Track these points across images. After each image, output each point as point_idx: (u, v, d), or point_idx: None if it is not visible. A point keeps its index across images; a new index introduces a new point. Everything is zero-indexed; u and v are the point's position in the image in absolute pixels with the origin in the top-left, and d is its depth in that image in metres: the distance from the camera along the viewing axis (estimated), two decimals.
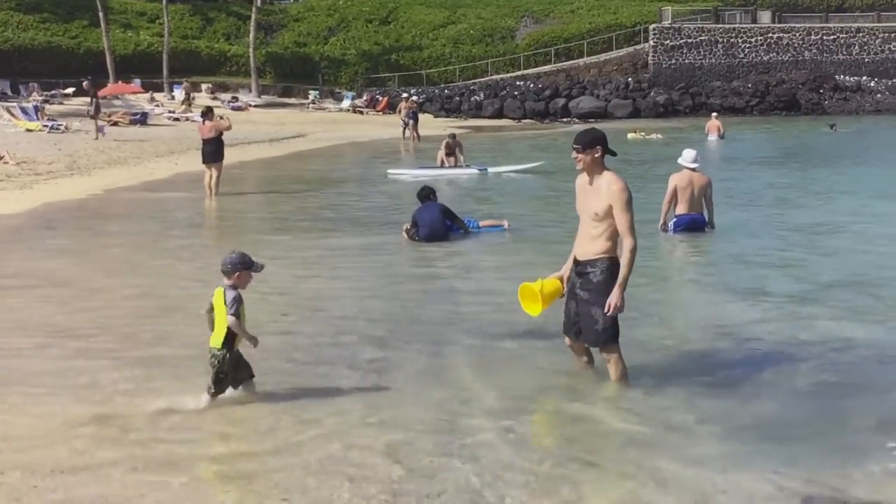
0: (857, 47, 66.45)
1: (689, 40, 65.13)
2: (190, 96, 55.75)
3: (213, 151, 21.28)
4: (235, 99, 58.82)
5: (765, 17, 68.44)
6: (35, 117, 42.58)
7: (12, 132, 37.43)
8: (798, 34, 66.23)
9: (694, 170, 15.30)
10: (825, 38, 66.36)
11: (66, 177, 24.78)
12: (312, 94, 63.43)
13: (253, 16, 64.57)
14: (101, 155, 30.68)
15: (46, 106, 48.27)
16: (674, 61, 64.79)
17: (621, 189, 7.26)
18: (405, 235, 15.15)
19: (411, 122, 41.21)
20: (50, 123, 40.98)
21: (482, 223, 15.96)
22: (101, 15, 59.67)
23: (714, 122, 39.64)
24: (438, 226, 14.99)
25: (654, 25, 65.83)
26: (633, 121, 53.77)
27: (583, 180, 7.55)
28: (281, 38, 71.53)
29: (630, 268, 7.29)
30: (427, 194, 15.51)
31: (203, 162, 21.56)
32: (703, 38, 65.37)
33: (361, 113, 59.36)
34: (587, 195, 7.45)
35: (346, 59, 68.65)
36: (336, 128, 48.08)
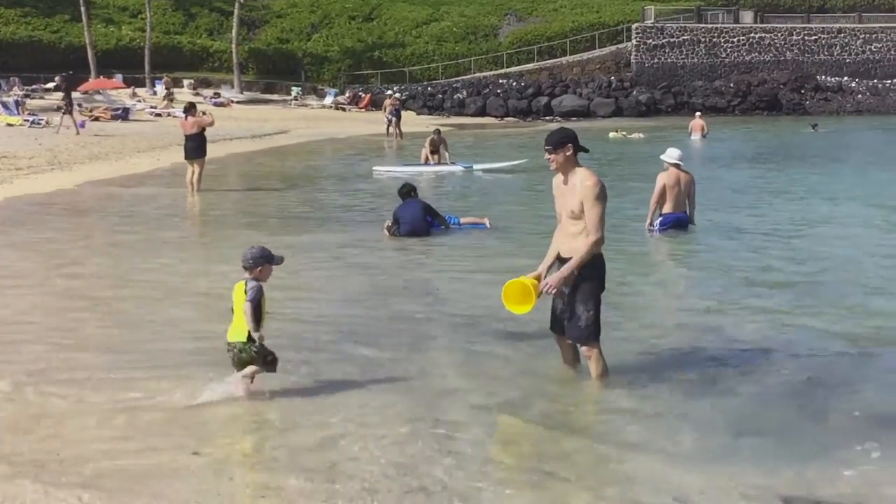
0: (838, 48, 66.78)
1: (672, 40, 65.30)
2: (170, 92, 55.58)
3: (195, 147, 21.20)
4: (218, 95, 58.64)
5: (747, 17, 68.69)
6: (16, 112, 42.42)
7: None
8: (780, 34, 66.50)
9: (679, 167, 15.30)
10: (807, 38, 66.66)
11: (46, 172, 24.66)
12: (295, 90, 63.27)
13: (236, 11, 64.37)
14: (82, 150, 30.55)
15: (27, 101, 48.03)
16: (656, 60, 64.95)
17: (593, 184, 7.29)
18: (386, 232, 15.14)
19: (394, 120, 41.19)
20: (31, 118, 40.80)
21: (463, 220, 15.94)
22: (82, 9, 59.38)
23: (697, 122, 39.75)
24: (420, 222, 14.99)
25: (636, 24, 65.96)
26: (616, 119, 53.90)
27: (558, 180, 7.59)
28: (264, 34, 71.32)
29: (584, 259, 7.31)
30: (408, 191, 15.52)
31: (185, 158, 21.48)
32: (686, 37, 65.56)
33: (344, 110, 59.29)
34: (564, 194, 7.50)
35: (329, 55, 68.51)
36: (318, 124, 48.01)
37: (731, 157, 31.14)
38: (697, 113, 43.75)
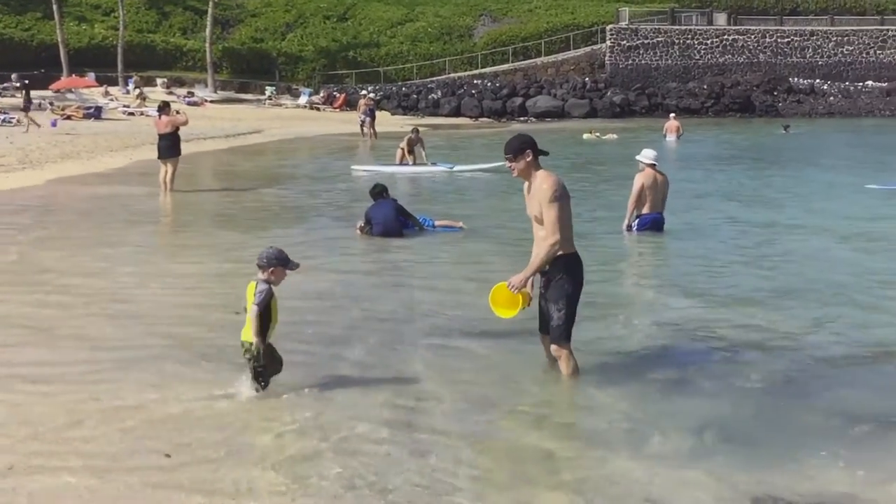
0: (810, 50, 67.25)
1: (646, 41, 65.57)
2: (140, 90, 55.33)
3: (169, 146, 21.08)
4: (191, 94, 58.43)
5: (720, 19, 69.07)
6: None
7: None
8: (753, 36, 66.90)
9: (654, 167, 15.32)
10: (779, 40, 67.10)
11: (17, 170, 24.48)
12: (269, 90, 63.13)
13: (210, 10, 64.13)
14: (54, 149, 30.35)
15: None
16: (630, 62, 65.20)
17: (549, 186, 7.34)
18: (359, 232, 15.09)
19: (368, 120, 41.10)
20: (2, 116, 40.50)
21: (438, 222, 15.84)
22: (54, 7, 59.05)
23: (673, 123, 39.87)
24: (392, 223, 14.93)
25: (611, 26, 66.19)
26: (590, 120, 54.02)
27: (524, 186, 7.63)
28: (238, 33, 71.12)
29: (543, 261, 7.38)
30: (380, 191, 15.42)
31: (159, 157, 21.34)
32: (660, 39, 65.85)
33: (318, 109, 59.19)
34: (529, 200, 7.58)
35: (304, 55, 68.39)
36: (293, 124, 47.89)
37: (705, 158, 31.26)
38: (672, 114, 43.91)
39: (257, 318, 6.98)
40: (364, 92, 52.80)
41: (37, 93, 50.62)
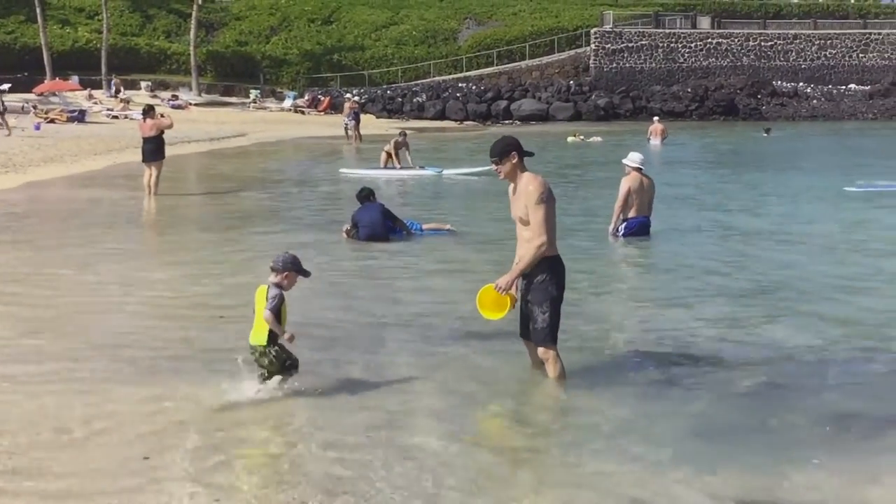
0: (794, 53, 67.56)
1: (630, 44, 65.76)
2: (119, 91, 55.12)
3: (153, 150, 21.01)
4: (175, 97, 58.27)
5: (704, 22, 69.32)
6: None
7: None
8: (737, 40, 67.18)
9: (640, 171, 15.32)
10: (763, 44, 67.39)
11: None
12: (254, 93, 63.05)
13: (194, 13, 64.02)
14: (37, 152, 30.23)
15: None
16: (615, 65, 65.35)
17: (535, 188, 7.35)
18: (345, 236, 15.06)
19: (353, 123, 41.06)
20: None
21: (426, 226, 15.77)
22: (38, 10, 58.86)
23: (657, 126, 39.97)
24: (379, 226, 14.90)
25: (595, 29, 66.35)
26: (575, 124, 54.09)
27: (510, 188, 7.64)
28: (222, 36, 71.02)
29: (529, 262, 7.39)
30: (367, 195, 15.37)
31: (143, 160, 21.27)
32: (644, 42, 66.05)
33: (303, 113, 59.12)
34: (514, 202, 7.58)
35: (288, 58, 68.34)
36: (277, 127, 47.84)
37: (689, 161, 31.35)
38: (655, 118, 43.99)
39: (274, 323, 7.06)
40: (349, 95, 52.77)
41: (20, 96, 50.53)
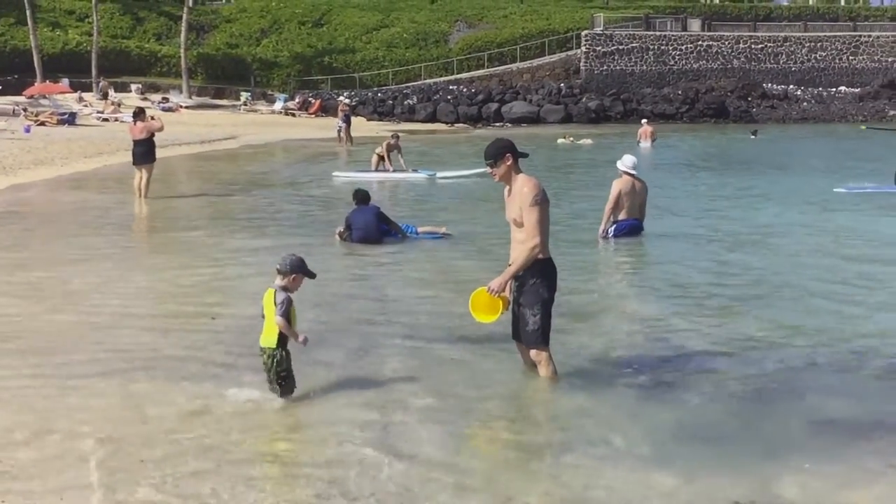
0: (784, 56, 67.76)
1: (621, 47, 65.86)
2: (107, 94, 54.96)
3: (144, 152, 20.98)
4: (166, 100, 58.16)
5: (695, 25, 69.46)
6: None
7: None
8: (727, 42, 67.34)
9: (633, 175, 15.35)
10: (753, 46, 67.57)
11: None
12: (244, 95, 62.95)
13: (184, 16, 63.94)
14: (27, 155, 30.15)
15: None
16: (605, 67, 65.45)
17: (529, 190, 7.38)
18: (338, 237, 15.05)
19: (343, 126, 41.01)
20: None
21: (421, 229, 15.67)
22: (28, 13, 58.70)
23: (646, 128, 39.96)
24: (372, 229, 14.87)
25: (586, 32, 66.44)
26: (566, 126, 54.13)
27: (505, 190, 7.66)
28: (213, 38, 70.93)
29: (523, 264, 7.42)
30: (363, 197, 15.32)
31: (133, 163, 21.24)
32: (635, 44, 66.16)
33: (294, 115, 59.05)
34: (509, 203, 7.60)
35: (279, 60, 68.29)
36: (268, 130, 47.77)
37: (679, 163, 31.37)
38: (644, 120, 43.99)
39: (287, 328, 7.13)
40: (342, 98, 52.73)
41: (10, 98, 50.43)
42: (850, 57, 68.11)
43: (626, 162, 15.42)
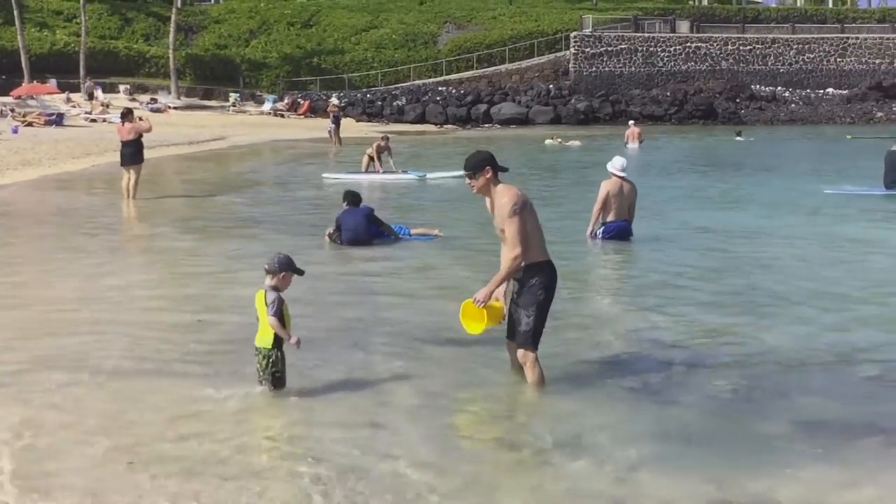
0: (772, 58, 67.99)
1: (610, 48, 66.00)
2: (92, 95, 54.82)
3: (132, 153, 20.92)
4: (154, 101, 58.08)
5: (683, 26, 69.65)
6: None
7: None
8: (715, 44, 67.54)
9: (623, 177, 15.35)
10: (742, 48, 67.79)
11: None
12: (233, 96, 62.90)
13: (173, 17, 63.87)
14: (14, 156, 30.07)
15: None
16: (594, 69, 65.57)
17: (508, 200, 7.36)
18: (327, 239, 15.02)
19: (333, 127, 40.98)
20: None
21: (414, 231, 15.62)
22: (15, 13, 58.56)
23: (633, 129, 40.01)
24: (362, 230, 14.82)
25: (575, 33, 66.56)
26: (555, 127, 54.20)
27: (487, 202, 7.68)
28: (201, 39, 70.87)
29: (506, 275, 7.44)
30: (353, 198, 15.28)
31: (122, 164, 21.19)
32: (624, 46, 66.31)
33: (283, 116, 59.02)
34: (494, 215, 7.58)
35: (268, 61, 68.25)
36: (257, 131, 47.74)
37: (667, 165, 31.38)
38: (631, 121, 44.02)
39: (279, 328, 7.17)
40: (333, 99, 52.67)
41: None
42: (838, 59, 68.38)
43: (616, 164, 15.44)
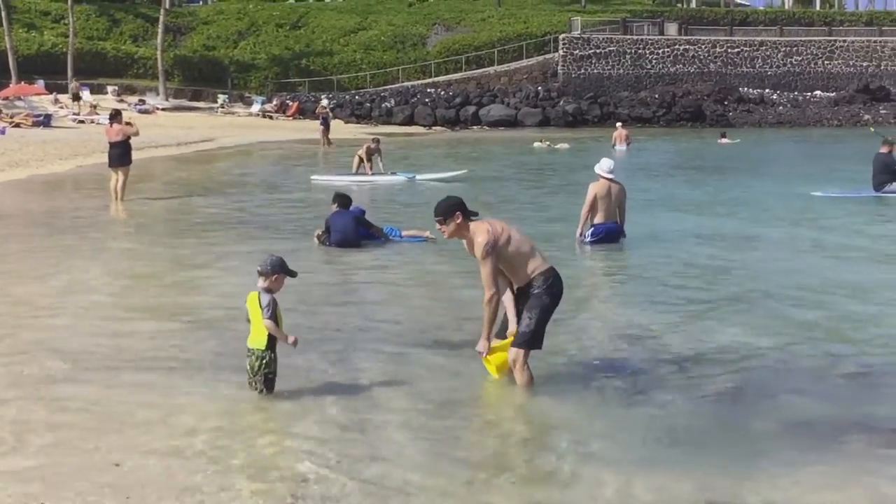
0: (760, 60, 68.15)
1: (598, 50, 66.07)
2: (78, 96, 54.66)
3: (120, 155, 20.87)
4: (143, 102, 57.95)
5: (672, 29, 69.79)
6: None
7: None
8: (704, 46, 67.66)
9: (610, 179, 15.36)
10: (730, 50, 67.93)
11: None
12: (221, 98, 62.79)
13: (161, 18, 63.77)
14: (1, 157, 29.99)
15: None
16: (583, 71, 65.64)
17: (479, 242, 7.49)
18: (316, 241, 15.01)
19: (322, 129, 40.95)
20: None
21: (405, 233, 15.61)
22: (2, 14, 58.44)
23: (621, 131, 40.01)
24: (351, 232, 14.82)
25: (563, 35, 66.62)
26: (543, 129, 54.24)
27: (464, 243, 7.81)
28: (190, 40, 70.75)
29: (488, 320, 7.55)
30: (343, 200, 15.28)
31: (109, 165, 21.15)
32: (612, 48, 66.39)
33: (271, 118, 58.94)
34: (472, 253, 7.69)
35: (256, 63, 68.18)
36: (246, 132, 47.67)
37: (655, 167, 31.41)
38: (619, 123, 44.02)
39: (276, 330, 7.22)
40: (323, 100, 52.61)
41: None
42: (826, 61, 68.58)
43: (604, 166, 15.45)
